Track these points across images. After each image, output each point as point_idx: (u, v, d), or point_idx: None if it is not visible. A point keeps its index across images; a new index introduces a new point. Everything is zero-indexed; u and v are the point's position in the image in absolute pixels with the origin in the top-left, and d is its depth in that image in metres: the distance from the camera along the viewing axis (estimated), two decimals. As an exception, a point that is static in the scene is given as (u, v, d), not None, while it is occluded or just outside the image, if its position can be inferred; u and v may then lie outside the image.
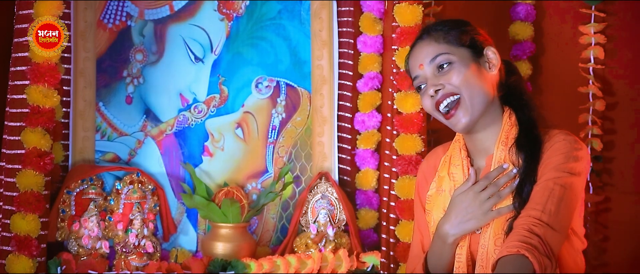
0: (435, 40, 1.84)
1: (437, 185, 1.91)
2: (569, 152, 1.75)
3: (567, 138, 1.78)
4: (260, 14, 2.58)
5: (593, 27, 2.46)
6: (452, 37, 1.84)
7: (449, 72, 1.81)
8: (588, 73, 2.47)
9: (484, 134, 1.85)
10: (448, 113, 1.82)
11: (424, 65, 1.84)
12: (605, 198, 2.43)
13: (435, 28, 1.87)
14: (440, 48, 1.83)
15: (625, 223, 2.42)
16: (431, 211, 1.91)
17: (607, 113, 2.47)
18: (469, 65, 1.81)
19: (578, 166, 1.75)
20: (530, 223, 1.67)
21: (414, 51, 1.88)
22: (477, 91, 1.81)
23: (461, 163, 1.88)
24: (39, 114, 2.21)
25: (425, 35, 1.87)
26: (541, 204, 1.70)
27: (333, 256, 2.43)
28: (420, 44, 1.87)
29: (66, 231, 2.39)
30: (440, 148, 2.01)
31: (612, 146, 2.46)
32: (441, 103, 1.81)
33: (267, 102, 2.59)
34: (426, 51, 1.84)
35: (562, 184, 1.72)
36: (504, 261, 1.63)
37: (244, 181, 2.56)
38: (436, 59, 1.82)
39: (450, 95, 1.80)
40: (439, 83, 1.81)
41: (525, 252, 1.61)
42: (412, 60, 1.88)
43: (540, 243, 1.64)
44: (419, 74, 1.85)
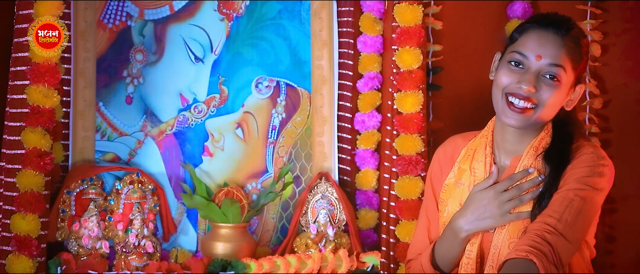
0: (567, 48, 1.76)
1: (456, 177, 1.89)
2: (595, 167, 1.75)
3: (595, 152, 1.77)
4: (260, 14, 2.58)
5: (589, 24, 2.46)
6: (575, 57, 1.77)
7: (550, 89, 1.75)
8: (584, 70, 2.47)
9: (521, 137, 1.83)
10: (512, 105, 1.77)
11: (543, 58, 1.75)
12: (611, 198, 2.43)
13: (575, 36, 1.78)
14: (565, 61, 1.76)
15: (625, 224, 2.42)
16: (446, 202, 1.89)
17: (601, 111, 2.48)
18: (564, 91, 1.77)
19: (601, 182, 1.74)
20: (544, 229, 1.67)
21: (545, 35, 1.78)
22: (550, 113, 1.79)
23: (484, 159, 1.87)
24: (39, 114, 2.21)
25: (563, 33, 1.77)
26: (559, 212, 1.69)
27: (333, 256, 2.43)
28: (553, 36, 1.77)
29: (66, 231, 2.39)
30: (459, 137, 1.98)
31: (608, 145, 2.46)
32: (519, 98, 1.76)
33: (267, 102, 2.59)
34: (555, 50, 1.76)
35: (583, 197, 1.71)
36: (511, 263, 1.63)
37: (244, 181, 2.56)
38: (555, 68, 1.75)
39: (531, 102, 1.76)
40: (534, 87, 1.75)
41: (533, 257, 1.60)
42: (535, 41, 1.77)
43: (550, 251, 1.63)
44: (530, 59, 1.77)
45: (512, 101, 1.78)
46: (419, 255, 1.95)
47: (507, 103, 1.78)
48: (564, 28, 1.78)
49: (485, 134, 1.91)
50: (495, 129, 1.89)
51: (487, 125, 1.92)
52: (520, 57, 1.78)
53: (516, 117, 1.77)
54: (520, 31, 1.82)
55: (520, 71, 1.78)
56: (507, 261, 1.64)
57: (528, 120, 1.78)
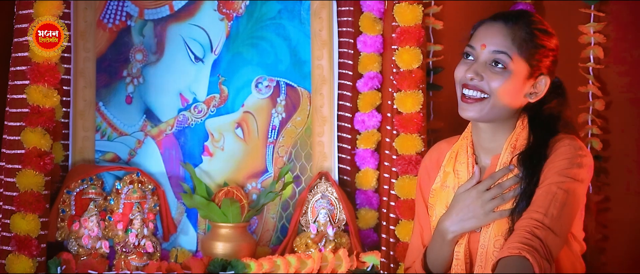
0: (512, 36, 1.76)
1: (442, 180, 1.90)
2: (573, 158, 1.74)
3: (572, 144, 1.77)
4: (260, 13, 2.58)
5: (592, 26, 2.46)
6: (525, 45, 1.77)
7: (496, 75, 1.76)
8: (587, 72, 2.48)
9: (494, 134, 1.83)
10: (465, 97, 1.79)
11: (487, 47, 1.77)
12: (605, 197, 2.43)
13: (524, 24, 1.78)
14: (509, 48, 1.76)
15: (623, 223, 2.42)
16: (434, 206, 1.90)
17: (602, 112, 2.47)
18: (516, 80, 1.77)
19: (581, 173, 1.74)
20: (532, 225, 1.67)
21: (490, 26, 1.79)
22: (504, 103, 1.78)
23: (466, 160, 1.87)
24: (39, 114, 2.21)
25: (510, 23, 1.78)
26: (544, 207, 1.69)
27: (333, 256, 2.43)
28: (499, 26, 1.78)
29: (66, 231, 2.39)
30: (443, 142, 1.99)
31: (608, 146, 2.46)
32: (468, 89, 1.78)
33: (267, 101, 2.59)
34: (500, 39, 1.76)
35: (566, 189, 1.71)
36: (505, 261, 1.63)
37: (244, 181, 2.56)
38: (500, 54, 1.75)
39: (480, 91, 1.77)
40: (482, 74, 1.76)
41: (526, 254, 1.61)
42: (481, 32, 1.80)
43: (541, 246, 1.64)
44: (476, 49, 1.79)
45: (465, 92, 1.79)
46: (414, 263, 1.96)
47: (461, 97, 1.80)
48: (513, 18, 1.79)
49: (466, 136, 1.91)
50: (472, 129, 1.89)
51: (467, 127, 1.92)
52: (469, 49, 1.81)
53: (469, 108, 1.78)
54: (474, 28, 1.85)
55: (470, 62, 1.80)
56: (500, 260, 1.64)
57: (482, 110, 1.77)
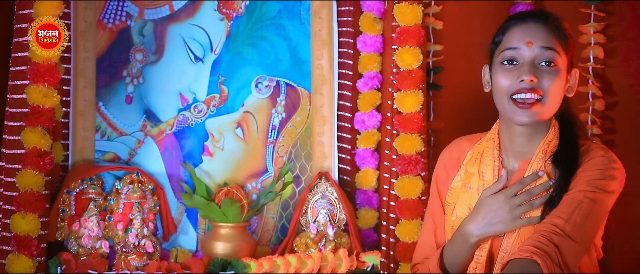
0: (553, 33, 1.76)
1: (464, 180, 1.88)
2: (606, 170, 1.74)
3: (606, 155, 1.77)
4: (260, 13, 2.58)
5: (592, 26, 2.46)
6: (565, 40, 1.77)
7: (551, 75, 1.75)
8: (587, 72, 2.47)
9: (529, 138, 1.82)
10: (520, 103, 1.75)
11: (534, 45, 1.75)
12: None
13: (554, 20, 1.79)
14: (556, 45, 1.76)
15: (626, 223, 2.42)
16: (454, 205, 1.88)
17: (607, 112, 2.47)
18: (563, 76, 1.77)
19: (612, 185, 1.74)
20: (551, 230, 1.66)
21: (527, 25, 1.78)
22: (555, 104, 1.78)
23: (492, 163, 1.85)
24: (39, 114, 2.21)
25: (544, 20, 1.78)
26: (567, 213, 1.68)
27: (333, 255, 2.43)
28: (537, 23, 1.77)
29: (66, 231, 2.39)
30: (464, 140, 1.97)
31: (612, 146, 2.46)
32: (523, 93, 1.75)
33: (267, 101, 2.59)
34: (542, 35, 1.76)
35: (593, 198, 1.70)
36: (514, 263, 1.62)
37: (244, 181, 2.56)
38: (549, 51, 1.75)
39: (536, 92, 1.75)
40: (535, 76, 1.74)
41: (537, 258, 1.59)
42: (520, 32, 1.77)
43: (556, 253, 1.62)
44: (522, 49, 1.76)
45: (517, 98, 1.76)
46: (425, 259, 1.94)
47: (515, 103, 1.76)
48: (542, 16, 1.79)
49: (492, 137, 1.89)
50: (502, 132, 1.86)
51: (493, 128, 1.90)
52: (512, 52, 1.77)
53: (526, 113, 1.75)
54: (502, 31, 1.82)
55: (516, 67, 1.77)
56: (510, 261, 1.63)
57: (537, 113, 1.75)
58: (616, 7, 2.47)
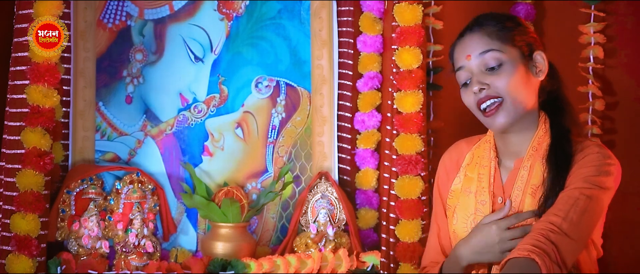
0: (487, 35, 1.80)
1: (463, 184, 1.89)
2: (601, 166, 1.74)
3: (601, 152, 1.77)
4: (260, 13, 2.58)
5: (592, 26, 2.46)
6: (505, 35, 1.79)
7: (498, 74, 1.77)
8: (588, 72, 2.47)
9: (518, 137, 1.83)
10: (488, 112, 1.79)
11: (472, 56, 1.79)
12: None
13: (488, 22, 1.82)
14: (493, 44, 1.78)
15: (626, 223, 2.42)
16: (454, 208, 1.89)
17: (607, 112, 2.47)
18: (517, 67, 1.78)
19: (608, 181, 1.74)
20: (548, 228, 1.66)
21: (462, 41, 1.83)
22: (522, 97, 1.79)
23: (489, 164, 1.87)
24: (39, 114, 2.21)
25: (477, 27, 1.82)
26: (564, 211, 1.68)
27: (333, 255, 2.43)
28: (470, 35, 1.82)
29: (66, 231, 2.39)
30: (463, 142, 1.98)
31: (612, 146, 2.46)
32: (483, 102, 1.79)
33: (267, 101, 2.59)
34: (477, 43, 1.79)
35: (589, 195, 1.70)
36: (513, 262, 1.62)
37: (244, 181, 2.56)
38: (486, 54, 1.78)
39: (494, 97, 1.78)
40: (485, 82, 1.78)
41: (535, 256, 1.60)
42: (459, 50, 1.83)
43: (554, 251, 1.63)
44: (465, 65, 1.81)
45: (482, 107, 1.80)
46: (431, 263, 1.96)
47: (482, 113, 1.81)
48: (475, 25, 1.83)
49: (488, 139, 1.91)
50: (495, 134, 1.89)
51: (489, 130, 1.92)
52: (460, 72, 1.83)
53: (496, 118, 1.78)
54: (450, 55, 1.89)
55: (470, 83, 1.82)
56: (509, 260, 1.64)
57: (506, 114, 1.78)
58: (616, 7, 2.47)
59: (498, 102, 1.78)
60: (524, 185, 1.80)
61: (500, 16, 1.84)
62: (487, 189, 1.84)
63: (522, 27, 1.83)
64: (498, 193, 1.84)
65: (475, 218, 1.84)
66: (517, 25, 1.83)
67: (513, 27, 1.81)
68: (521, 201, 1.79)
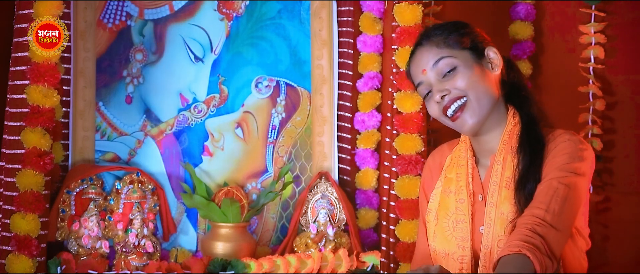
0: (435, 45, 1.84)
1: (444, 186, 1.91)
2: (574, 152, 1.76)
3: (572, 138, 1.79)
4: (260, 13, 2.58)
5: (593, 26, 2.46)
6: (452, 41, 1.84)
7: (454, 77, 1.81)
8: (588, 72, 2.47)
9: (490, 135, 1.87)
10: (454, 116, 1.82)
11: (426, 70, 1.84)
12: (605, 197, 2.43)
13: (434, 32, 1.87)
14: (442, 52, 1.83)
15: (625, 223, 2.42)
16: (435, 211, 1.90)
17: (607, 112, 2.47)
18: (472, 67, 1.82)
19: (583, 167, 1.75)
20: (533, 222, 1.67)
21: (414, 57, 1.89)
22: (483, 92, 1.82)
23: (466, 163, 1.88)
24: (39, 114, 2.21)
25: (425, 41, 1.87)
26: (545, 203, 1.70)
27: (333, 255, 2.43)
28: (420, 50, 1.87)
29: (66, 231, 2.39)
30: (446, 145, 2.02)
31: (612, 146, 2.46)
32: (449, 108, 1.82)
33: (267, 101, 2.59)
34: (427, 56, 1.84)
35: (567, 183, 1.72)
36: (505, 260, 1.63)
37: (244, 181, 2.56)
38: (439, 63, 1.83)
39: (456, 99, 1.81)
40: (445, 88, 1.82)
41: (526, 252, 1.61)
42: (414, 67, 1.89)
43: (543, 244, 1.64)
44: (423, 80, 1.86)
45: (448, 113, 1.83)
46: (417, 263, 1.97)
47: (450, 119, 1.84)
48: (423, 38, 1.87)
49: (464, 139, 1.95)
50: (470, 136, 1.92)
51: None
52: (419, 86, 1.88)
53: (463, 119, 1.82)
54: (407, 73, 1.93)
55: (431, 93, 1.85)
56: (501, 259, 1.64)
57: (473, 112, 1.81)
58: (616, 7, 2.46)
59: (462, 103, 1.81)
60: (499, 179, 1.82)
61: (445, 25, 1.88)
62: (465, 187, 1.86)
63: (467, 29, 1.87)
64: (478, 190, 1.86)
65: (456, 217, 1.85)
66: (462, 28, 1.87)
67: (458, 32, 1.85)
68: (498, 195, 1.81)
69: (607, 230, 2.43)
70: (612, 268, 2.41)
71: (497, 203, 1.80)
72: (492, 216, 1.81)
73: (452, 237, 1.85)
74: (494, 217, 1.80)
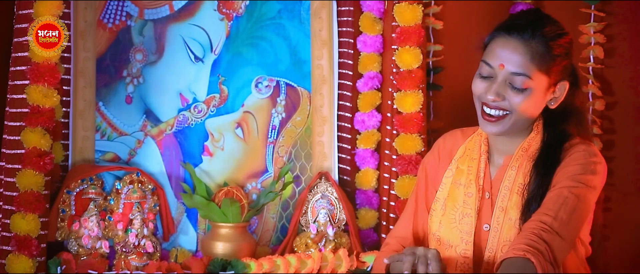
0: (530, 54, 1.74)
1: (455, 177, 1.90)
2: (587, 164, 1.75)
3: (587, 150, 1.78)
4: (260, 13, 2.58)
5: (592, 26, 2.46)
6: (547, 60, 1.75)
7: (518, 95, 1.76)
8: (588, 72, 2.47)
9: (511, 139, 1.84)
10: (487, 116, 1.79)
11: (505, 67, 1.76)
12: (605, 197, 2.43)
13: (540, 34, 1.76)
14: (529, 68, 1.74)
15: (625, 223, 2.42)
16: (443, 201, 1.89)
17: (606, 112, 2.48)
18: (538, 94, 1.77)
19: (594, 180, 1.75)
20: (540, 228, 1.67)
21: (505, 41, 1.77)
22: (527, 116, 1.79)
23: (478, 157, 1.87)
24: (39, 114, 2.21)
25: (528, 36, 1.75)
26: (554, 210, 1.69)
27: (333, 255, 2.43)
28: (516, 42, 1.76)
29: (66, 231, 2.39)
30: (459, 132, 1.98)
31: (612, 146, 2.46)
32: (489, 107, 1.78)
33: (267, 101, 2.59)
34: (518, 58, 1.75)
35: (577, 194, 1.71)
36: (509, 262, 1.63)
37: (244, 181, 2.56)
38: (519, 77, 1.75)
39: (502, 110, 1.78)
40: (503, 94, 1.76)
41: (530, 256, 1.60)
42: (499, 49, 1.77)
43: (547, 250, 1.63)
44: (494, 67, 1.77)
45: (486, 110, 1.80)
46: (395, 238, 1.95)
47: (482, 113, 1.81)
48: (528, 32, 1.76)
49: (480, 132, 1.92)
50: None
51: None
52: (487, 67, 1.79)
53: (492, 126, 1.80)
54: (489, 39, 1.83)
55: (489, 81, 1.79)
56: (504, 261, 1.64)
57: (503, 126, 1.79)
58: (616, 7, 2.47)
59: (503, 115, 1.78)
60: (512, 184, 1.81)
61: (554, 32, 1.78)
62: (475, 182, 1.85)
63: (568, 52, 1.80)
64: (486, 188, 1.85)
65: (463, 210, 1.85)
66: (565, 50, 1.79)
67: (559, 55, 1.77)
68: (509, 200, 1.80)
69: (607, 230, 2.43)
70: (612, 268, 2.42)
71: (506, 207, 1.80)
72: (500, 220, 1.80)
73: (457, 230, 1.84)
74: (502, 221, 1.80)
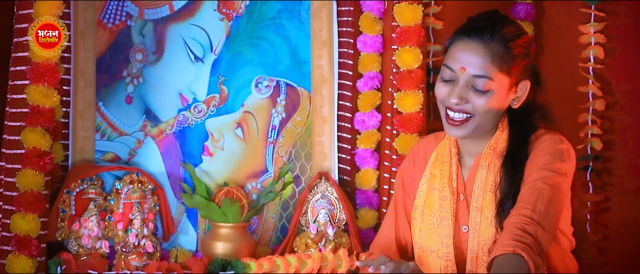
0: (491, 56, 1.74)
1: (429, 182, 1.90)
2: (555, 152, 1.75)
3: (552, 138, 1.78)
4: (260, 13, 2.58)
5: (593, 26, 2.46)
6: (507, 61, 1.75)
7: (480, 97, 1.76)
8: (588, 72, 2.48)
9: (477, 140, 1.85)
10: (450, 120, 1.79)
11: (466, 71, 1.76)
12: (605, 197, 2.43)
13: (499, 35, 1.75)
14: (490, 69, 1.74)
15: (625, 223, 2.42)
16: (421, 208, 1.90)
17: (606, 112, 2.48)
18: (501, 94, 1.77)
19: (565, 167, 1.75)
20: (522, 221, 1.67)
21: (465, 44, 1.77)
22: (491, 117, 1.79)
23: (449, 160, 1.88)
24: (39, 114, 2.21)
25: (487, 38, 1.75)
26: (531, 203, 1.70)
27: (333, 255, 2.43)
28: (476, 44, 1.76)
29: (66, 231, 2.39)
30: (432, 137, 1.99)
31: (612, 146, 2.46)
32: (452, 111, 1.78)
33: (267, 101, 2.59)
34: (478, 60, 1.75)
35: (551, 184, 1.72)
36: (500, 260, 1.63)
37: (244, 181, 2.56)
38: (480, 79, 1.75)
39: (465, 112, 1.78)
40: (466, 97, 1.76)
41: (521, 251, 1.61)
42: (459, 52, 1.77)
43: (534, 242, 1.64)
44: (455, 70, 1.77)
45: (449, 114, 1.80)
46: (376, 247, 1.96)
47: (446, 117, 1.81)
48: (488, 34, 1.76)
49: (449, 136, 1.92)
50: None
51: None
52: (448, 71, 1.79)
53: (456, 129, 1.80)
54: (449, 42, 1.83)
55: (451, 84, 1.79)
56: (495, 259, 1.64)
57: (468, 130, 1.79)
58: (616, 7, 2.47)
59: (466, 118, 1.79)
60: (484, 183, 1.81)
61: (513, 33, 1.78)
62: (448, 185, 1.86)
63: (527, 52, 1.80)
64: (460, 190, 1.86)
65: (440, 214, 1.85)
66: (524, 50, 1.79)
67: (518, 55, 1.77)
68: (483, 199, 1.81)
69: (607, 230, 2.43)
70: (612, 268, 2.42)
71: (482, 207, 1.81)
72: (477, 220, 1.81)
73: (436, 234, 1.85)
74: (479, 221, 1.80)
